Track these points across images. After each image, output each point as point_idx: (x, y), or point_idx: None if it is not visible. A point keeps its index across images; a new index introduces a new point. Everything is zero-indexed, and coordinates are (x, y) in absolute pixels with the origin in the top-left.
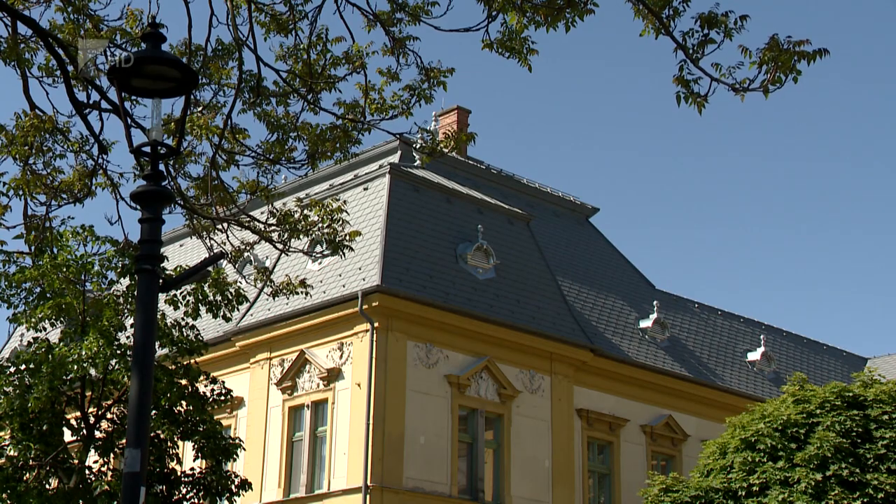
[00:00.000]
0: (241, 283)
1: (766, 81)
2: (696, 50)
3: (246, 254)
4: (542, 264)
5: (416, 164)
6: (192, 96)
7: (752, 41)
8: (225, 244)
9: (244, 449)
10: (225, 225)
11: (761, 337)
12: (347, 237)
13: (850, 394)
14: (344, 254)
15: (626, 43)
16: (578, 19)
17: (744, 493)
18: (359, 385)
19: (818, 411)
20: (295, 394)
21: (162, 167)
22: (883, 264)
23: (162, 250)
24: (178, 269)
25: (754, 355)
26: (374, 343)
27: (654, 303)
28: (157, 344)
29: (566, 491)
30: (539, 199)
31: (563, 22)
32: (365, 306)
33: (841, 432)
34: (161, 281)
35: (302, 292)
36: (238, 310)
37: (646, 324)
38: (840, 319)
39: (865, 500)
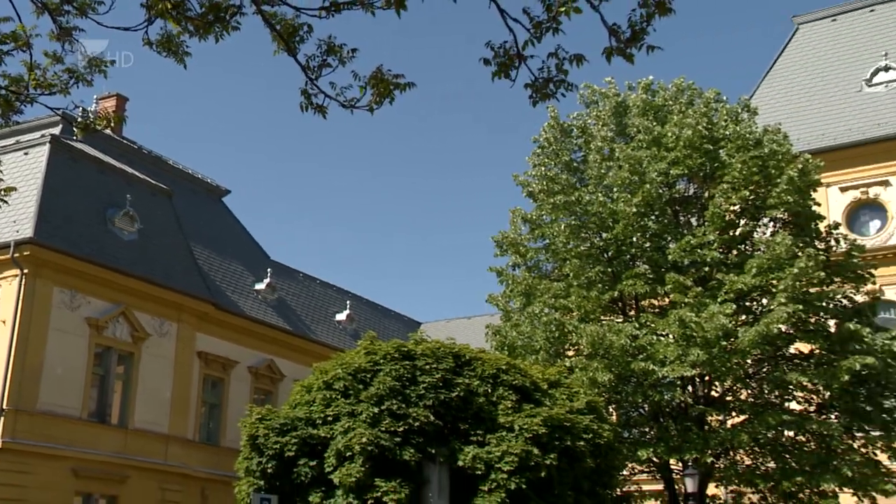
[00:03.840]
0: None
1: (371, 102)
2: (316, 71)
3: None
4: (178, 232)
5: (74, 137)
6: None
7: (365, 69)
8: None
9: None
10: None
11: (347, 302)
12: (3, 192)
13: (406, 349)
14: None
15: (265, 57)
16: (226, 33)
17: (321, 422)
18: (3, 322)
19: (381, 361)
20: None
21: None
22: (439, 253)
23: None
24: None
25: (341, 316)
26: (23, 287)
27: (268, 270)
28: None
29: (181, 418)
30: (181, 178)
31: (212, 34)
32: (17, 255)
33: (395, 377)
34: None
35: None
36: None
37: (260, 286)
38: (404, 291)
39: (406, 427)
